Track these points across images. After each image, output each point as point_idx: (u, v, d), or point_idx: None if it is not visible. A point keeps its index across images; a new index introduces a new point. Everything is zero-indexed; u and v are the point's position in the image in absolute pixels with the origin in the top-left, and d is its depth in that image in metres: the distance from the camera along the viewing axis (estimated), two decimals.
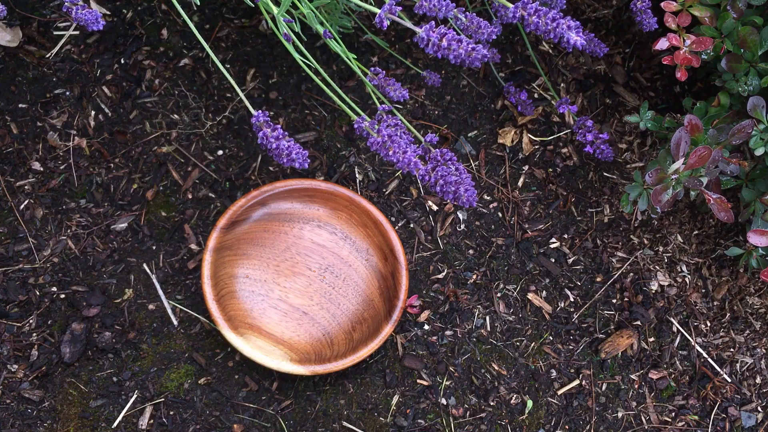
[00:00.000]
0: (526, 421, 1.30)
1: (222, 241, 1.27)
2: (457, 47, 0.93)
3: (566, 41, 0.94)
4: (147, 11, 1.43)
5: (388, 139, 1.02)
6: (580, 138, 1.31)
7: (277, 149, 1.02)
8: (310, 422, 1.27)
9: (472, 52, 0.93)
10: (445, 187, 1.02)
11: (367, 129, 1.04)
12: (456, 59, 0.94)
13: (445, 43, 0.93)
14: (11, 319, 1.28)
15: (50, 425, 1.24)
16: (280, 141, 1.02)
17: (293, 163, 1.02)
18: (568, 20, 0.95)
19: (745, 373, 1.34)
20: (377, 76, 1.19)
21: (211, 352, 1.29)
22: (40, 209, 1.33)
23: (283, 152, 1.02)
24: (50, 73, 1.39)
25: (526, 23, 0.96)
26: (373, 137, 1.03)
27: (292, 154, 1.02)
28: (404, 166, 1.02)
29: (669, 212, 1.39)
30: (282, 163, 1.02)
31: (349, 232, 1.32)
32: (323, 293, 1.30)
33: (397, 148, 1.02)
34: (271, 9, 1.05)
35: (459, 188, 1.01)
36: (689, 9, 1.17)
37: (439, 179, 1.02)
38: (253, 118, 1.03)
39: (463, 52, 0.93)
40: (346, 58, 1.13)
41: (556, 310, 1.35)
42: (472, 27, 1.03)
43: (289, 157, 1.02)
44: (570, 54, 1.46)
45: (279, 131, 1.02)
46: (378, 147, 1.03)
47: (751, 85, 1.17)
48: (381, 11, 0.96)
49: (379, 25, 0.96)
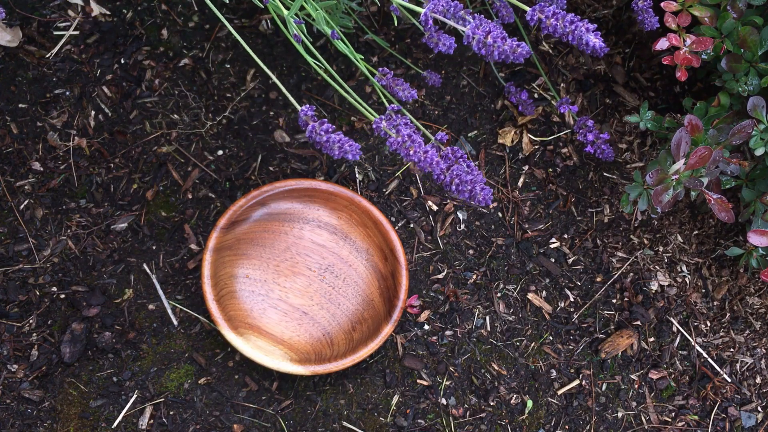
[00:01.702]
0: (526, 421, 1.30)
1: (222, 241, 1.27)
2: (501, 44, 0.94)
3: (585, 43, 0.95)
4: (147, 11, 1.43)
5: (408, 138, 1.02)
6: (580, 138, 1.31)
7: (328, 142, 1.02)
8: (310, 422, 1.27)
9: (518, 49, 0.94)
10: (460, 186, 1.01)
11: (385, 129, 1.04)
12: (500, 56, 0.95)
13: (491, 40, 0.94)
14: (11, 319, 1.28)
15: (50, 425, 1.24)
16: (330, 134, 1.02)
17: (346, 155, 1.02)
18: (586, 23, 0.95)
19: (745, 373, 1.34)
20: (385, 77, 1.19)
21: (211, 352, 1.29)
22: (40, 209, 1.33)
23: (335, 145, 1.02)
24: (50, 73, 1.39)
25: (544, 26, 0.97)
26: (393, 137, 1.03)
27: (345, 146, 1.02)
28: (426, 166, 1.01)
29: (669, 212, 1.39)
30: (333, 155, 1.02)
31: (349, 232, 1.32)
32: (323, 293, 1.30)
33: (417, 147, 1.02)
34: (281, 11, 1.05)
35: (475, 187, 1.01)
36: (689, 9, 1.17)
37: (455, 178, 1.01)
38: (300, 112, 1.03)
39: (508, 48, 0.94)
40: (354, 58, 1.13)
41: (556, 310, 1.35)
42: None
43: (341, 149, 1.02)
44: (570, 54, 1.46)
45: (327, 125, 1.03)
46: (398, 147, 1.03)
47: (751, 85, 1.17)
48: (426, 9, 0.99)
49: (423, 25, 0.98)
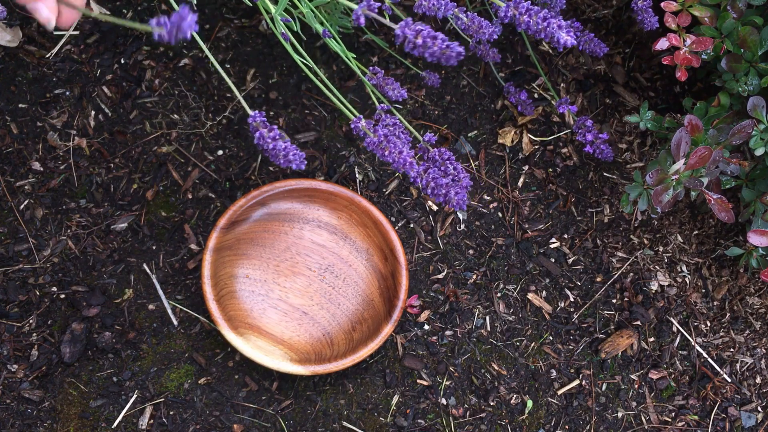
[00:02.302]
0: (526, 421, 1.29)
1: (222, 241, 1.27)
2: (432, 44, 0.90)
3: (557, 41, 0.94)
4: (147, 11, 1.43)
5: (384, 139, 1.02)
6: (580, 138, 1.31)
7: (274, 150, 1.01)
8: (310, 422, 1.27)
9: (447, 50, 0.89)
10: (436, 190, 1.02)
11: (363, 129, 1.04)
12: (431, 57, 0.91)
13: (420, 40, 0.90)
14: (11, 319, 1.28)
15: (50, 425, 1.24)
16: (277, 142, 1.00)
17: (290, 165, 1.00)
18: (559, 20, 0.94)
19: (745, 373, 1.34)
20: (376, 76, 1.19)
21: (211, 352, 1.29)
22: (40, 209, 1.33)
23: (280, 153, 1.00)
24: (50, 73, 1.39)
25: (518, 22, 0.96)
26: (370, 137, 1.03)
27: (289, 155, 1.00)
28: (400, 167, 1.01)
29: (669, 212, 1.39)
30: (279, 164, 1.01)
31: (349, 232, 1.32)
32: (323, 293, 1.30)
33: (393, 148, 1.02)
34: (269, 8, 1.05)
35: (450, 191, 1.01)
36: (689, 9, 1.17)
37: (431, 181, 1.02)
38: (249, 119, 1.01)
39: (438, 49, 0.90)
40: (345, 57, 1.13)
41: (556, 310, 1.35)
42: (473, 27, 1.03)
43: (286, 158, 1.01)
44: (570, 54, 1.46)
45: (275, 132, 1.01)
46: (374, 147, 1.02)
47: (751, 85, 1.17)
48: (358, 8, 0.92)
49: (356, 22, 0.93)
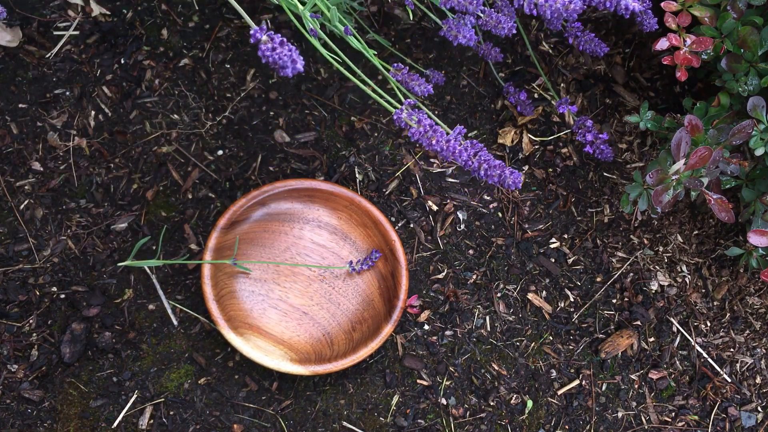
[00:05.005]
0: (526, 421, 1.29)
1: (222, 241, 1.27)
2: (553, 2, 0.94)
3: (624, 8, 0.95)
4: (147, 11, 1.42)
5: (429, 129, 1.02)
6: (580, 138, 1.31)
7: (280, 57, 0.94)
8: (310, 422, 1.27)
9: (570, 5, 0.93)
10: (489, 171, 1.01)
11: (405, 120, 1.04)
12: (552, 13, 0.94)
13: None
14: (11, 319, 1.28)
15: (50, 425, 1.24)
16: (283, 48, 0.93)
17: (296, 65, 0.93)
18: None
19: (745, 373, 1.34)
20: (400, 72, 1.18)
21: (211, 352, 1.29)
22: (40, 209, 1.33)
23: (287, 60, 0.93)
24: (50, 73, 1.39)
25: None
26: (414, 128, 1.03)
27: (293, 56, 0.93)
28: (449, 155, 1.01)
29: (669, 212, 1.39)
30: (287, 74, 0.93)
31: (349, 232, 1.32)
32: (323, 293, 1.30)
33: (440, 137, 1.02)
34: (296, 8, 1.05)
35: (504, 171, 1.01)
36: (689, 9, 1.17)
37: (483, 164, 1.01)
38: (252, 32, 0.94)
39: (561, 5, 0.93)
40: (368, 54, 1.13)
41: (556, 310, 1.35)
42: (491, 22, 1.03)
43: (293, 65, 0.93)
44: (570, 54, 1.46)
45: (280, 37, 0.95)
46: (420, 137, 1.02)
47: (751, 85, 1.17)
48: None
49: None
